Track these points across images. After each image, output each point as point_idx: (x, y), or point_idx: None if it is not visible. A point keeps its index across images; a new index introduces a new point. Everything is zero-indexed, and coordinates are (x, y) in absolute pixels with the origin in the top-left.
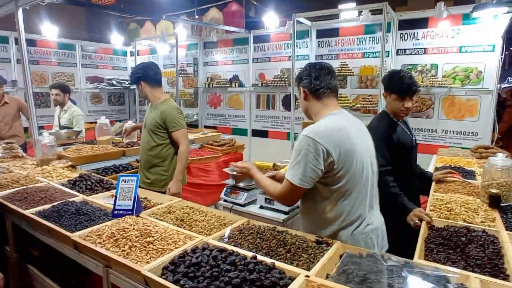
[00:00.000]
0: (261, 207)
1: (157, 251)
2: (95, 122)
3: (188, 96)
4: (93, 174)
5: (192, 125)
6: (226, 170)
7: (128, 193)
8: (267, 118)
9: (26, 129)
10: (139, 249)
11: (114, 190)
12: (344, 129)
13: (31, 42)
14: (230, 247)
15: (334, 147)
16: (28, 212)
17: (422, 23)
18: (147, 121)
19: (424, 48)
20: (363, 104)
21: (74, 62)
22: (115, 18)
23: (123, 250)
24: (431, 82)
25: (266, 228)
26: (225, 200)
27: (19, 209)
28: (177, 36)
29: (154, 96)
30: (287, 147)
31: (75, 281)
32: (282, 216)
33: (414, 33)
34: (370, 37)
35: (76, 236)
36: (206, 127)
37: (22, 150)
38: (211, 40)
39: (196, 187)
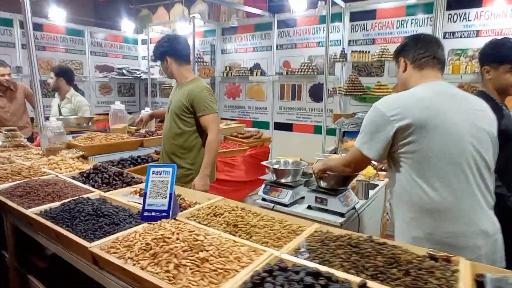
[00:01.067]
0: (310, 207)
1: (217, 273)
2: (105, 114)
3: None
4: (109, 166)
5: None
6: (264, 163)
7: (161, 188)
8: (292, 110)
9: (32, 120)
10: (190, 269)
11: (137, 186)
12: (428, 99)
13: (37, 26)
14: (320, 268)
15: (406, 115)
16: (30, 212)
17: (474, 1)
18: (171, 104)
19: (477, 31)
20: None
21: (83, 50)
22: (126, 4)
23: (166, 271)
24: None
25: (359, 238)
26: (263, 199)
27: (19, 208)
28: (194, 21)
29: (182, 74)
30: (315, 141)
31: None
32: (339, 219)
33: (465, 13)
34: (412, 19)
35: (96, 247)
36: (223, 119)
37: (26, 140)
38: (231, 25)
39: (220, 183)
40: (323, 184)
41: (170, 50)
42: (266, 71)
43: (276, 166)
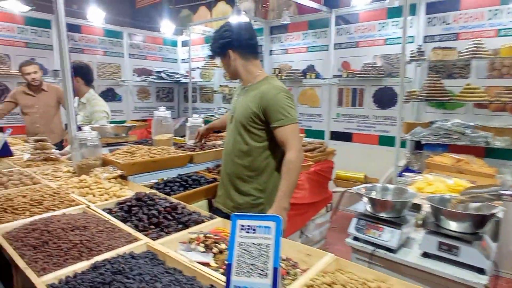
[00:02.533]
0: (427, 255)
1: None
2: (143, 120)
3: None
4: (156, 194)
5: None
6: (356, 190)
7: (257, 259)
8: (352, 117)
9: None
10: None
11: (197, 228)
12: None
13: (75, 28)
14: None
15: None
16: (45, 283)
17: None
18: (235, 112)
19: None
20: (500, 97)
21: (121, 52)
22: (165, 4)
23: None
24: None
25: None
26: (355, 238)
27: (30, 273)
28: (241, 17)
29: (249, 72)
30: (381, 154)
31: None
32: (480, 279)
33: None
34: (508, 9)
35: None
36: None
37: (57, 150)
38: (282, 22)
39: None
40: (452, 224)
41: (234, 41)
42: (322, 73)
43: (373, 195)
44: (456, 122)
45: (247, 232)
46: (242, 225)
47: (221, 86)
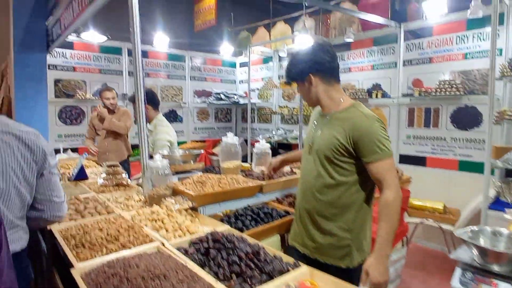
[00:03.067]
0: None
1: None
2: (202, 141)
3: (312, 111)
4: (232, 233)
5: None
6: (458, 233)
7: None
8: (426, 139)
9: (134, 147)
10: None
11: (281, 278)
12: None
13: (143, 54)
14: None
15: None
16: None
17: None
18: (315, 142)
19: None
20: None
21: (183, 75)
22: (225, 27)
23: None
24: None
25: None
26: None
27: None
28: (301, 37)
29: (332, 98)
30: (461, 181)
31: None
32: None
33: None
34: None
35: None
36: None
37: (126, 175)
38: (346, 39)
39: None
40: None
41: (316, 65)
42: (389, 92)
43: (483, 243)
44: None
45: None
46: None
47: (280, 106)
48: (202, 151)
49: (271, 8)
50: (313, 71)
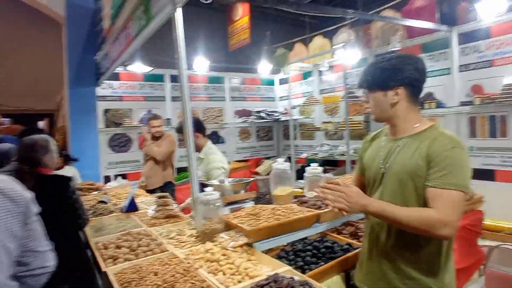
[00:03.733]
0: None
1: None
2: (245, 160)
3: (357, 124)
4: (296, 276)
5: None
6: None
7: None
8: (493, 151)
9: (180, 170)
10: None
11: None
12: None
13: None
14: None
15: None
16: None
17: None
18: (393, 165)
19: None
20: None
21: (223, 96)
22: (261, 45)
23: None
24: None
25: None
26: None
27: None
28: (345, 46)
29: (411, 118)
30: None
31: None
32: None
33: None
34: None
35: None
36: None
37: (176, 206)
38: (391, 48)
39: None
40: None
41: (412, 79)
42: (444, 101)
43: None
44: None
45: None
46: None
47: (324, 122)
48: (253, 178)
49: (307, 23)
50: (405, 84)
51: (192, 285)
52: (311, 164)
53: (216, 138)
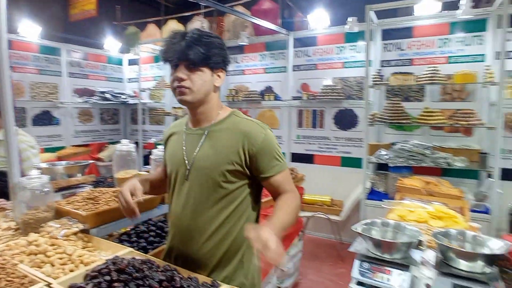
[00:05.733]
0: None
1: None
2: (86, 145)
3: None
4: (138, 256)
5: None
6: (353, 227)
7: None
8: (313, 139)
9: None
10: None
11: None
12: None
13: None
14: None
15: None
16: None
17: None
18: (200, 159)
19: None
20: (458, 120)
21: (58, 70)
22: (109, 20)
23: None
24: None
25: None
26: (360, 283)
27: None
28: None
29: (218, 104)
30: (344, 175)
31: None
32: None
33: None
34: (457, 38)
35: None
36: None
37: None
38: (240, 43)
39: None
40: (464, 264)
41: (228, 62)
42: (280, 95)
43: (375, 234)
44: (415, 143)
45: None
46: None
47: (174, 107)
48: (91, 161)
49: (162, 5)
50: (225, 67)
51: (9, 283)
52: (122, 141)
53: (48, 118)
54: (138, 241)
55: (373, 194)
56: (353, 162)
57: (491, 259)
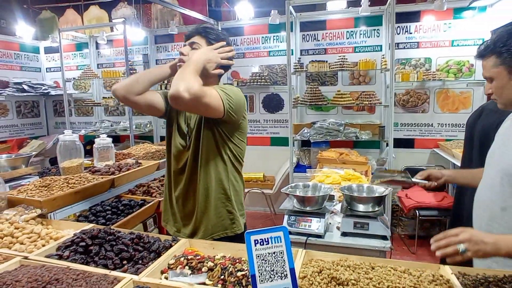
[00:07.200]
0: (345, 234)
1: None
2: (3, 142)
3: None
4: (98, 225)
5: (146, 137)
6: (283, 190)
7: (275, 264)
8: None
9: None
10: None
11: (168, 252)
12: None
13: None
14: None
15: None
16: None
17: (414, 16)
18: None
19: (417, 42)
20: (362, 101)
21: None
22: (18, 3)
23: None
24: (425, 75)
25: None
26: (288, 232)
27: None
28: (125, 23)
29: None
30: (273, 154)
31: None
32: (386, 243)
33: (406, 26)
34: (361, 31)
35: None
36: (162, 138)
37: None
38: (170, 31)
39: None
40: (361, 207)
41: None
42: None
43: (298, 193)
44: (331, 122)
45: (261, 245)
46: (255, 240)
47: (104, 98)
48: (34, 153)
49: None
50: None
51: None
52: (65, 131)
53: None
54: (97, 220)
55: (299, 167)
56: (281, 141)
57: (378, 201)
